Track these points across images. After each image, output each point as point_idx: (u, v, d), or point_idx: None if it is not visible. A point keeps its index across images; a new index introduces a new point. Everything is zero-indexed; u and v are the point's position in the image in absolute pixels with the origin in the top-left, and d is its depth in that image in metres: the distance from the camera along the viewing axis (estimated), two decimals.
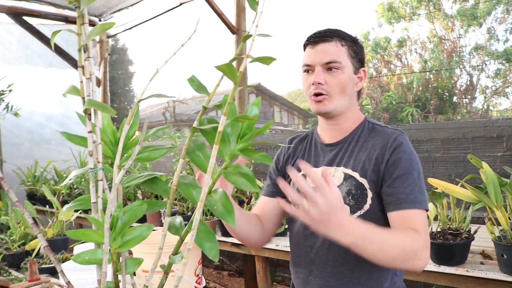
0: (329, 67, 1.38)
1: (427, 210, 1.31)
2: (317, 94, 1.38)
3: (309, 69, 1.42)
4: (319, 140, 1.52)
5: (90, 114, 0.80)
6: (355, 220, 1.09)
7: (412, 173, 1.30)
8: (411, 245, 1.16)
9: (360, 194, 1.35)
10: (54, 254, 0.83)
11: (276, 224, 1.58)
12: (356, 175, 1.36)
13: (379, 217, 1.35)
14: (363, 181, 1.35)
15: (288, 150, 1.59)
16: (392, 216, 1.30)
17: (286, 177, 1.57)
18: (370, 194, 1.34)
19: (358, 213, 1.35)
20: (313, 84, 1.38)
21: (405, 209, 1.27)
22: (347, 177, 1.37)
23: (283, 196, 1.56)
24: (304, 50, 1.46)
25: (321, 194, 1.00)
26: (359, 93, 1.49)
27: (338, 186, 1.37)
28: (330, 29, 1.43)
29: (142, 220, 3.39)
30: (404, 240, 1.16)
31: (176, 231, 0.84)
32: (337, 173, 1.40)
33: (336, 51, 1.39)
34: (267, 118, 16.34)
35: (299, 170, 1.51)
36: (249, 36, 0.73)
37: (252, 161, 3.78)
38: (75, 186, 4.41)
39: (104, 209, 0.80)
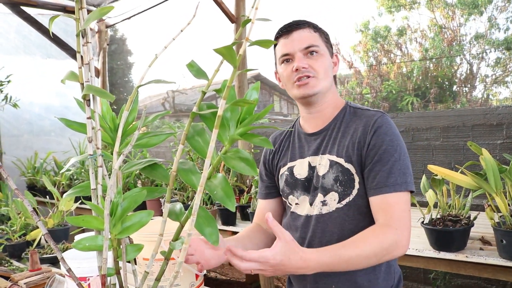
0: (309, 51, 1.39)
1: (411, 191, 1.30)
2: (301, 78, 1.38)
3: (288, 58, 1.42)
4: (302, 130, 1.52)
5: (88, 100, 0.80)
6: (314, 255, 1.10)
7: (393, 155, 1.29)
8: (381, 246, 1.18)
9: (347, 180, 1.34)
10: (54, 242, 0.83)
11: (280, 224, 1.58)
12: (341, 160, 1.36)
13: (367, 201, 1.34)
14: (349, 166, 1.34)
15: (274, 146, 1.58)
16: (372, 201, 1.30)
17: (274, 174, 1.57)
18: (357, 179, 1.34)
19: (348, 199, 1.35)
20: (296, 70, 1.38)
21: (384, 194, 1.27)
22: (332, 163, 1.37)
23: (276, 195, 1.57)
24: (277, 44, 1.46)
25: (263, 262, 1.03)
26: (335, 78, 1.50)
27: (324, 174, 1.37)
28: (298, 19, 1.45)
29: (142, 210, 3.40)
30: (372, 245, 1.17)
31: (176, 217, 0.84)
32: (323, 161, 1.40)
33: (311, 36, 1.41)
34: None
35: (284, 164, 1.52)
36: (248, 20, 0.72)
37: (252, 150, 3.78)
38: (75, 177, 4.41)
39: (104, 196, 0.80)
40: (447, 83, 12.07)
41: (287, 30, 1.43)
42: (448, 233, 1.96)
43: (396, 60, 13.11)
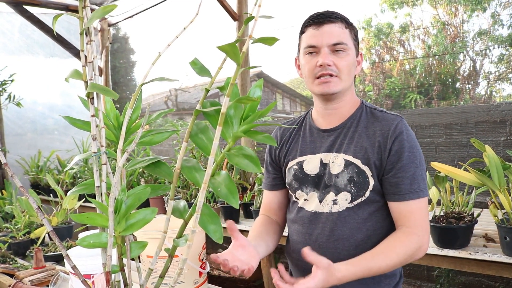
0: (336, 48, 1.35)
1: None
2: (324, 75, 1.35)
3: (313, 50, 1.37)
4: (315, 125, 1.49)
5: (92, 98, 0.80)
6: (348, 272, 1.17)
7: (414, 161, 1.31)
8: (406, 253, 1.25)
9: (362, 181, 1.34)
10: (59, 239, 0.83)
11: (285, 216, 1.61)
12: (358, 162, 1.34)
13: (378, 201, 1.35)
14: (365, 168, 1.34)
15: (282, 138, 1.56)
16: (394, 206, 1.32)
17: (281, 166, 1.56)
18: (372, 181, 1.33)
19: (360, 200, 1.35)
20: (320, 65, 1.35)
21: (408, 200, 1.29)
22: (348, 164, 1.36)
23: (282, 187, 1.57)
24: (304, 32, 1.42)
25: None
26: (354, 77, 1.48)
27: (339, 173, 1.37)
28: (331, 10, 1.41)
29: (146, 207, 3.41)
30: (400, 254, 1.24)
31: (180, 215, 0.84)
32: (337, 160, 1.38)
33: (342, 32, 1.36)
34: None
35: (293, 157, 1.50)
36: (251, 18, 0.72)
37: (256, 148, 3.78)
38: (78, 176, 4.42)
39: (108, 193, 0.80)
40: (450, 80, 12.04)
41: (318, 20, 1.37)
42: (451, 230, 1.96)
43: (399, 57, 13.08)
